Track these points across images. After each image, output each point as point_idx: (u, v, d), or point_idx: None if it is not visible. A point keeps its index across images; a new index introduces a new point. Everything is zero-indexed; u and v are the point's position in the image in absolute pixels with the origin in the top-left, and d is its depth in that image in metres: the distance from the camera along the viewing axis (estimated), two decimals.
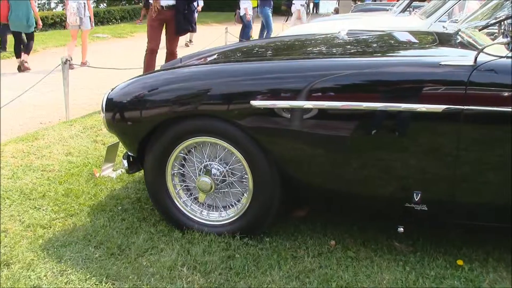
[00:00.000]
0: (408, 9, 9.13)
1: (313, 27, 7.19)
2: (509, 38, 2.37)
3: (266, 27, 11.70)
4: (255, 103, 2.55)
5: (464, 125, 2.40)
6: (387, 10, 11.20)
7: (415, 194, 2.54)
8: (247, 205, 2.78)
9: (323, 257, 2.72)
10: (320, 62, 2.76)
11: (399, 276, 2.56)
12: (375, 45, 3.37)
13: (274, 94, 2.56)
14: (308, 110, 2.50)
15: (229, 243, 2.80)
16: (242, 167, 2.74)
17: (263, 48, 3.68)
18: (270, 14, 11.61)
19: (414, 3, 9.91)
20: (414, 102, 2.42)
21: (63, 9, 23.10)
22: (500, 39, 2.43)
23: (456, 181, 2.49)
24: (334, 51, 3.26)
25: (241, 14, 11.73)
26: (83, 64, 9.62)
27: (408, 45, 3.32)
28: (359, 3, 21.58)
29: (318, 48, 3.38)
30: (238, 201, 2.84)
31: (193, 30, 6.79)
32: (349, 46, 3.30)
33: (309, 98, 2.50)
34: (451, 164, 2.47)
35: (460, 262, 2.67)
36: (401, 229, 2.66)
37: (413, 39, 3.43)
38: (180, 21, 6.44)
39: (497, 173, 2.46)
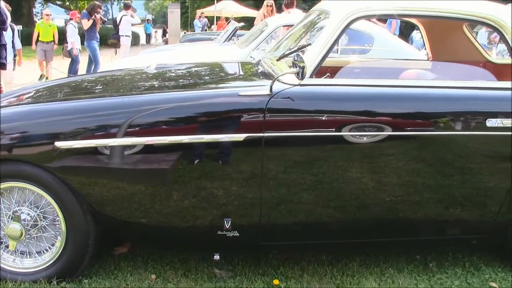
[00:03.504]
0: (232, 37, 9.33)
1: (141, 59, 6.95)
2: (298, 68, 2.54)
3: (93, 61, 11.38)
4: (59, 144, 2.49)
5: (266, 150, 2.54)
6: (212, 40, 11.38)
7: (225, 222, 2.63)
8: (62, 248, 2.69)
9: None
10: (118, 100, 2.75)
11: None
12: (182, 79, 3.45)
13: (78, 134, 2.51)
14: (109, 147, 2.50)
15: None
16: (54, 209, 2.65)
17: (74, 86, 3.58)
18: (97, 48, 11.30)
19: (240, 32, 10.16)
20: (219, 133, 2.52)
21: None
22: (292, 68, 2.60)
23: (263, 205, 2.62)
24: (140, 86, 3.23)
25: (69, 48, 11.42)
26: None
27: (211, 77, 3.43)
28: (188, 33, 21.96)
29: (123, 84, 3.34)
30: (53, 245, 2.73)
31: (3, 67, 6.26)
32: (155, 81, 3.33)
33: (108, 136, 2.50)
34: (256, 189, 2.59)
35: (276, 281, 2.80)
36: (217, 257, 2.74)
37: (218, 71, 3.56)
38: None
39: (302, 193, 2.62)
